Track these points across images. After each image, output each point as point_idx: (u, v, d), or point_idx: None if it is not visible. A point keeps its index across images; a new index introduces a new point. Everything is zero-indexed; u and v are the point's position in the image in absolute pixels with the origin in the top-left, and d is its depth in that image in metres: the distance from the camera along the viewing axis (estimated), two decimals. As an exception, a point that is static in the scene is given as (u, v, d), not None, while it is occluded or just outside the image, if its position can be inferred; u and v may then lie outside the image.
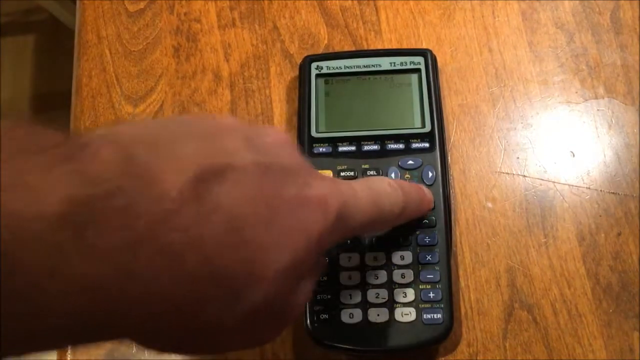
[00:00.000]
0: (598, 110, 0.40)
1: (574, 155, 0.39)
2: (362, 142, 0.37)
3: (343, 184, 0.24)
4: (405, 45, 0.43)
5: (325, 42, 0.43)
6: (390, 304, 0.33)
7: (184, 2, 0.45)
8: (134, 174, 0.18)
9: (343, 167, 0.36)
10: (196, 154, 0.19)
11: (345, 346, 0.33)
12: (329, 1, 0.45)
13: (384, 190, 0.27)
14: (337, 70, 0.39)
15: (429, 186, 0.35)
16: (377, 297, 0.33)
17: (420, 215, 0.34)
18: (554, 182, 0.38)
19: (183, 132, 0.21)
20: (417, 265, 0.34)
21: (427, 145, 0.37)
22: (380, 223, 0.27)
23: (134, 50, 0.44)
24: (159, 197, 0.17)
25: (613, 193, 0.38)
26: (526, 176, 0.39)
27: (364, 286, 0.34)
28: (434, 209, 0.35)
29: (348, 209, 0.23)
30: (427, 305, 0.33)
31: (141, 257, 0.17)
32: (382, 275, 0.34)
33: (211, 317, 0.19)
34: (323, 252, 0.23)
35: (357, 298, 0.33)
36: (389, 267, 0.34)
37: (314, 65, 0.40)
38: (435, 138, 0.37)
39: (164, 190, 0.18)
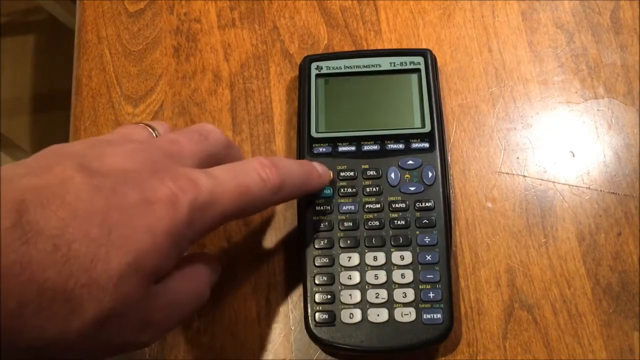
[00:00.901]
0: (598, 110, 0.40)
1: (574, 155, 0.39)
2: (362, 142, 0.37)
3: (201, 176, 0.25)
4: (405, 45, 0.43)
5: (325, 42, 0.43)
6: (390, 304, 0.33)
7: (183, 2, 0.45)
8: None
9: (343, 167, 0.36)
10: (18, 189, 0.21)
11: (345, 346, 0.33)
12: (329, 1, 0.45)
13: (252, 169, 0.27)
14: (337, 70, 0.39)
15: (429, 186, 0.35)
16: (377, 297, 0.33)
17: (312, 191, 0.33)
18: (554, 182, 0.38)
19: (10, 173, 0.23)
20: (417, 265, 0.34)
21: (427, 145, 0.37)
22: (253, 205, 0.28)
23: (133, 50, 0.44)
24: None
25: (613, 193, 0.38)
26: (526, 176, 0.39)
27: (364, 286, 0.34)
28: (433, 209, 0.35)
29: (208, 199, 0.25)
30: (427, 305, 0.33)
31: None
32: (382, 275, 0.34)
33: (54, 331, 0.21)
34: (190, 242, 0.25)
35: (357, 298, 0.33)
36: (389, 267, 0.34)
37: (314, 65, 0.40)
38: (435, 138, 0.37)
39: None
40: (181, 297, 0.26)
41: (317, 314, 0.33)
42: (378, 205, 0.35)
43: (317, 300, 0.33)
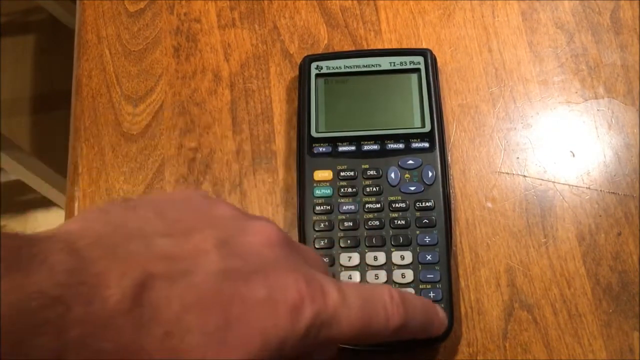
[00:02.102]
0: (598, 110, 0.40)
1: (574, 155, 0.39)
2: (362, 142, 0.37)
3: (332, 290, 0.23)
4: (405, 45, 0.43)
5: (325, 42, 0.43)
6: (390, 304, 0.33)
7: (184, 2, 0.45)
8: (77, 282, 0.18)
9: (343, 167, 0.36)
10: (151, 254, 0.20)
11: (345, 346, 0.33)
12: (329, 1, 0.45)
13: (381, 302, 0.25)
14: (337, 70, 0.39)
15: (429, 186, 0.35)
16: (377, 297, 0.33)
17: (428, 337, 0.29)
18: (554, 182, 0.38)
19: (148, 226, 0.21)
20: (417, 265, 0.34)
21: (427, 145, 0.37)
22: (370, 337, 0.25)
23: (134, 50, 0.44)
24: (97, 305, 0.18)
25: (613, 193, 0.38)
26: (526, 176, 0.39)
27: (364, 286, 0.34)
28: (433, 208, 0.35)
29: (330, 318, 0.23)
30: (427, 305, 0.33)
31: None
32: (383, 275, 0.34)
33: None
34: (296, 353, 0.23)
35: (357, 298, 0.33)
36: (389, 267, 0.34)
37: (314, 65, 0.40)
38: (435, 138, 0.37)
39: (104, 297, 0.18)
40: None
41: (317, 314, 0.33)
42: (378, 205, 0.35)
43: (317, 300, 0.33)
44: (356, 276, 0.34)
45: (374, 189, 0.36)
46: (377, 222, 0.35)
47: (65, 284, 0.18)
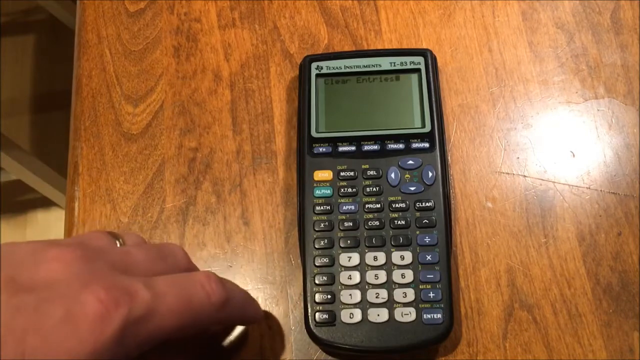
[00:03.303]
0: (598, 110, 0.40)
1: (574, 155, 0.39)
2: (362, 142, 0.37)
3: (139, 287, 0.23)
4: (405, 45, 0.43)
5: (325, 42, 0.43)
6: (390, 304, 0.33)
7: (184, 2, 0.45)
8: None
9: (343, 167, 0.36)
10: None
11: (345, 346, 0.33)
12: (329, 1, 0.45)
13: (198, 283, 0.26)
14: (337, 70, 0.39)
15: (429, 186, 0.35)
16: (377, 297, 0.33)
17: (249, 319, 0.31)
18: (554, 182, 0.38)
19: None
20: (417, 265, 0.34)
21: (427, 145, 0.37)
22: (195, 321, 0.26)
23: (134, 50, 0.44)
24: None
25: (613, 193, 0.38)
26: (526, 176, 0.39)
27: (364, 286, 0.34)
28: (433, 209, 0.35)
29: (144, 314, 0.23)
30: (427, 305, 0.33)
31: None
32: (382, 275, 0.34)
33: None
34: (123, 358, 0.23)
35: (357, 298, 0.33)
36: (389, 267, 0.34)
37: (314, 65, 0.40)
38: (435, 138, 0.37)
39: None
40: None
41: (317, 314, 0.33)
42: (378, 205, 0.35)
43: (317, 300, 0.33)
44: (356, 276, 0.34)
45: (374, 189, 0.36)
46: (377, 222, 0.35)
47: None
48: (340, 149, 0.37)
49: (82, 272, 0.23)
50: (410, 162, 0.36)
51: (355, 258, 0.34)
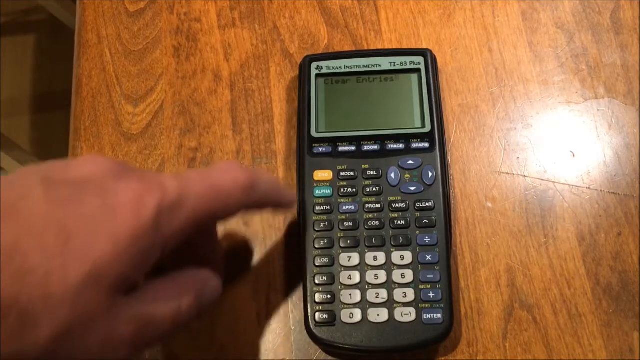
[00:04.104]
0: (598, 110, 0.40)
1: (574, 155, 0.39)
2: (362, 142, 0.37)
3: (169, 179, 0.24)
4: (405, 45, 0.43)
5: (325, 42, 0.43)
6: (390, 304, 0.33)
7: (184, 2, 0.45)
8: None
9: (343, 167, 0.36)
10: None
11: (345, 346, 0.33)
12: (329, 1, 0.45)
13: (222, 170, 0.27)
14: (337, 70, 0.39)
15: (429, 186, 0.35)
16: (377, 297, 0.33)
17: (279, 204, 0.31)
18: (554, 182, 0.38)
19: None
20: (417, 265, 0.34)
21: (427, 145, 0.37)
22: (225, 206, 0.26)
23: (134, 50, 0.44)
24: None
25: (613, 193, 0.38)
26: (526, 176, 0.39)
27: (364, 286, 0.34)
28: (433, 209, 0.35)
29: (176, 200, 0.24)
30: (427, 305, 0.33)
31: None
32: (382, 275, 0.34)
33: (9, 348, 0.20)
34: (160, 248, 0.23)
35: (357, 298, 0.33)
36: (389, 267, 0.34)
37: (314, 65, 0.40)
38: (435, 138, 0.37)
39: None
40: (155, 312, 0.24)
41: (317, 314, 0.33)
42: (378, 205, 0.35)
43: (317, 300, 0.33)
44: (356, 276, 0.34)
45: (374, 189, 0.36)
46: (377, 222, 0.35)
47: None
48: (340, 149, 0.37)
49: (113, 169, 0.24)
50: (410, 162, 0.36)
51: (355, 258, 0.34)
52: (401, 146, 0.37)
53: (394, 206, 0.35)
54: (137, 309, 0.23)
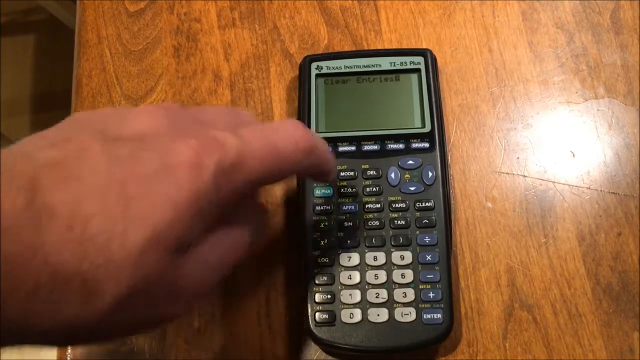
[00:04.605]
0: (598, 110, 0.40)
1: (574, 155, 0.39)
2: (362, 142, 0.37)
3: (228, 136, 0.23)
4: (405, 45, 0.43)
5: (325, 42, 0.43)
6: (390, 304, 0.33)
7: (184, 2, 0.45)
8: None
9: (343, 167, 0.36)
10: (40, 162, 0.20)
11: (345, 346, 0.33)
12: (329, 1, 0.45)
13: (283, 129, 0.26)
14: (337, 70, 0.39)
15: (429, 186, 0.36)
16: (377, 297, 0.33)
17: (325, 173, 0.29)
18: (554, 182, 0.38)
19: (42, 140, 0.22)
20: (417, 265, 0.34)
21: (427, 145, 0.37)
22: (283, 167, 0.26)
23: (134, 50, 0.44)
24: None
25: (613, 193, 0.38)
26: (526, 176, 0.39)
27: (364, 286, 0.34)
28: (433, 209, 0.35)
29: (235, 159, 0.23)
30: (427, 305, 0.33)
31: None
32: (382, 275, 0.34)
33: (72, 315, 0.20)
34: (220, 208, 0.23)
35: (357, 298, 0.33)
36: (389, 267, 0.34)
37: (314, 65, 0.40)
38: (435, 138, 0.37)
39: (2, 205, 0.19)
40: (214, 258, 0.24)
41: (317, 314, 0.33)
42: (378, 205, 0.35)
43: (317, 300, 0.33)
44: (356, 276, 0.34)
45: (374, 189, 0.36)
46: (377, 222, 0.35)
47: None
48: (340, 149, 0.37)
49: (170, 125, 0.24)
50: (410, 162, 0.36)
51: (355, 258, 0.34)
52: (401, 146, 0.37)
53: (394, 206, 0.35)
54: (197, 262, 0.23)
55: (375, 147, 0.37)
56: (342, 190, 0.36)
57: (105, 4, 0.46)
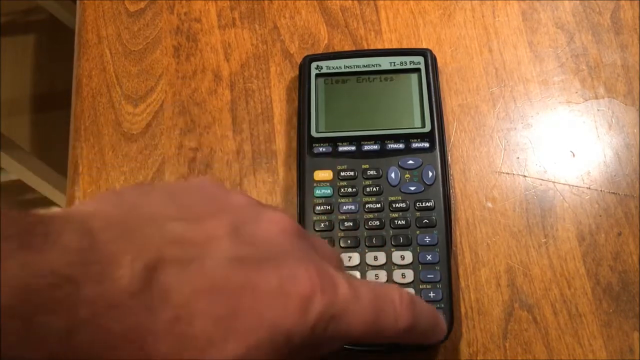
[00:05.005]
0: (598, 110, 0.40)
1: (574, 155, 0.39)
2: (362, 142, 0.37)
3: (343, 283, 0.23)
4: (405, 45, 0.43)
5: (325, 42, 0.43)
6: (390, 304, 0.33)
7: (184, 2, 0.45)
8: (88, 262, 0.18)
9: (343, 167, 0.36)
10: (164, 238, 0.20)
11: (345, 345, 0.33)
12: (329, 1, 0.45)
13: (390, 301, 0.24)
14: (337, 70, 0.39)
15: (429, 186, 0.35)
16: (377, 297, 0.33)
17: (427, 343, 0.28)
18: (554, 182, 0.38)
19: (162, 210, 0.21)
20: (417, 265, 0.34)
21: (427, 145, 0.37)
22: (377, 336, 0.24)
23: (134, 50, 0.44)
24: (107, 285, 0.18)
25: (613, 193, 0.38)
26: (526, 176, 0.39)
27: (364, 286, 0.34)
28: (433, 208, 0.35)
29: (340, 311, 0.22)
30: (427, 305, 0.33)
31: (76, 343, 0.17)
32: (382, 275, 0.34)
33: None
34: (302, 355, 0.22)
35: (357, 298, 0.33)
36: (389, 267, 0.34)
37: (314, 65, 0.40)
38: (435, 138, 0.37)
39: (115, 278, 0.18)
40: None
41: (317, 314, 0.33)
42: (378, 205, 0.35)
43: (317, 300, 0.33)
44: (356, 276, 0.34)
45: (374, 189, 0.36)
46: (377, 222, 0.35)
47: (77, 263, 0.18)
48: (340, 148, 0.37)
49: (300, 247, 0.23)
50: (410, 162, 0.36)
51: (355, 258, 0.34)
52: (401, 146, 0.37)
53: (394, 206, 0.35)
54: None
55: (375, 147, 0.37)
56: (342, 190, 0.36)
57: (105, 4, 0.46)
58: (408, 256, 0.34)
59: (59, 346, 0.17)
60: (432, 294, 0.33)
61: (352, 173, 0.36)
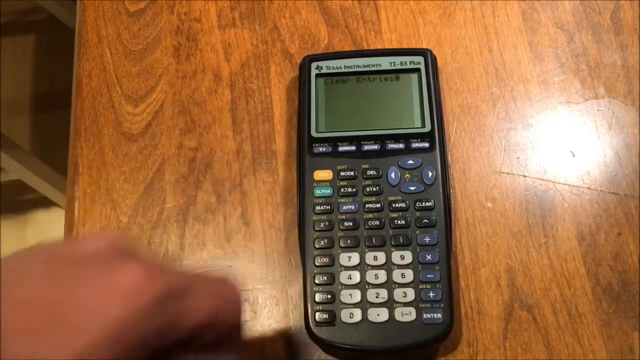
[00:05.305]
0: (598, 110, 0.40)
1: (574, 155, 0.39)
2: (362, 142, 0.37)
3: (171, 270, 0.24)
4: (405, 45, 0.43)
5: (326, 42, 0.43)
6: (390, 304, 0.33)
7: (184, 2, 0.45)
8: None
9: (343, 167, 0.36)
10: None
11: (345, 346, 0.33)
12: (329, 1, 0.45)
13: (214, 279, 0.26)
14: (337, 70, 0.39)
15: (429, 186, 0.36)
16: (377, 297, 0.33)
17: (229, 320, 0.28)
18: (554, 182, 0.38)
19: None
20: (417, 265, 0.34)
21: (427, 145, 0.37)
22: (219, 315, 0.25)
23: (134, 50, 0.44)
24: None
25: (613, 193, 0.38)
26: (526, 176, 0.39)
27: (364, 286, 0.34)
28: (433, 208, 0.35)
29: (177, 291, 0.23)
30: (427, 305, 0.33)
31: None
32: (382, 275, 0.34)
33: None
34: (151, 342, 0.22)
35: (357, 298, 0.33)
36: (389, 266, 0.34)
37: (314, 65, 0.40)
38: (435, 138, 0.37)
39: None
40: None
41: (317, 314, 0.33)
42: (378, 205, 0.35)
43: (317, 300, 0.33)
44: (356, 276, 0.34)
45: (374, 189, 0.36)
46: (377, 222, 0.35)
47: None
48: (340, 148, 0.37)
49: (119, 248, 0.24)
50: (410, 161, 0.36)
51: (355, 258, 0.34)
52: (401, 146, 0.37)
53: (394, 206, 0.35)
54: None
55: (375, 146, 0.37)
56: (342, 189, 0.36)
57: (105, 4, 0.46)
58: (408, 256, 0.34)
59: None
60: (432, 294, 0.33)
61: (352, 173, 0.36)
